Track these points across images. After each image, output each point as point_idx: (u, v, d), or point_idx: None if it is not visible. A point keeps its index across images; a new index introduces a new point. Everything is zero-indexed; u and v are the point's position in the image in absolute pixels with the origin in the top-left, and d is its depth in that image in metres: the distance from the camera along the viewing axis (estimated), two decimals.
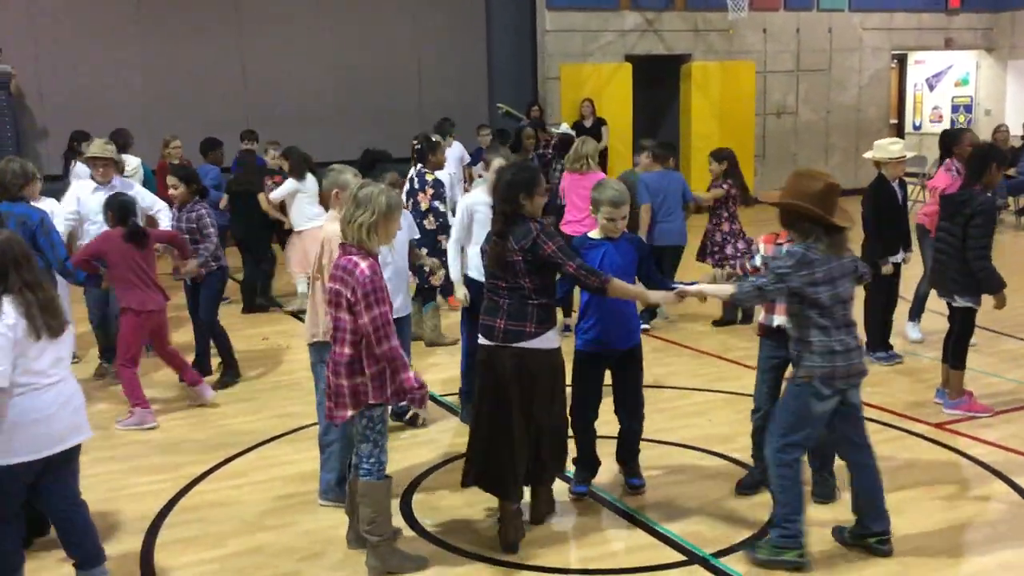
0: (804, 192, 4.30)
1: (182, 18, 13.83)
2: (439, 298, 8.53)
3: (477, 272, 6.27)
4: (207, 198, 7.51)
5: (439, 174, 8.24)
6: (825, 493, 5.03)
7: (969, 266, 6.05)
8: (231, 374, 7.46)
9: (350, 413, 4.34)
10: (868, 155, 7.44)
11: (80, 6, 13.41)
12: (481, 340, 4.65)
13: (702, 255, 8.90)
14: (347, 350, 4.29)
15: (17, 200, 6.39)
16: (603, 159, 13.86)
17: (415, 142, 8.60)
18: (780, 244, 4.91)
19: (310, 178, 9.25)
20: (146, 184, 9.13)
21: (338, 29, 14.66)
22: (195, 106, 13.56)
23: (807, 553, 4.40)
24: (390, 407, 4.74)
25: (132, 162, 9.75)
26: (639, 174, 8.66)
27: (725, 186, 8.71)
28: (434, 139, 8.50)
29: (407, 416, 6.39)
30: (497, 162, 6.24)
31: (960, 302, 6.22)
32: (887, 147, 7.24)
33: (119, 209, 6.52)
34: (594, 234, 5.07)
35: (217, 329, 7.41)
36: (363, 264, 4.21)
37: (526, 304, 4.50)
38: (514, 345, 4.50)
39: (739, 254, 8.39)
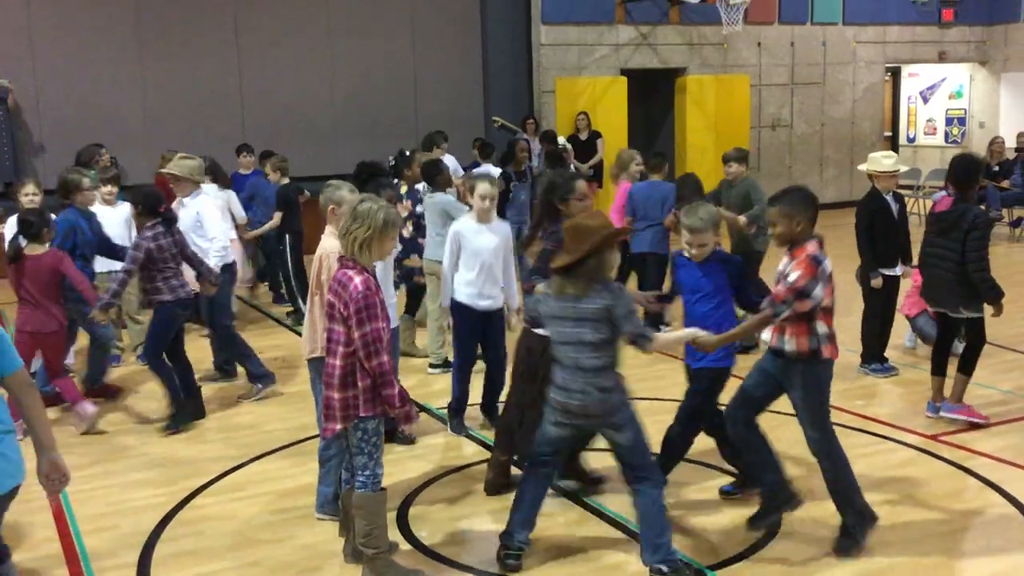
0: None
1: (180, 33, 13.90)
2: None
3: (466, 298, 6.31)
4: (171, 222, 6.79)
5: (417, 186, 8.38)
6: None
7: (969, 278, 6.13)
8: (181, 415, 6.80)
9: (339, 426, 4.35)
10: (862, 167, 7.52)
11: (78, 21, 13.46)
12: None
13: None
14: (339, 362, 4.31)
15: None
16: (598, 172, 13.94)
17: (391, 158, 8.68)
18: None
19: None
20: None
21: (335, 43, 14.75)
22: (192, 121, 13.61)
23: None
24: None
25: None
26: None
27: None
28: (408, 153, 8.64)
29: (397, 433, 6.38)
30: (483, 188, 6.32)
31: (967, 313, 6.32)
32: (880, 160, 7.33)
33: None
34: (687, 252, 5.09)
35: (163, 368, 6.80)
36: (357, 279, 4.24)
37: None
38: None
39: None
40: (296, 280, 9.40)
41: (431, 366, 7.94)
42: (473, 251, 6.30)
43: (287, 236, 9.46)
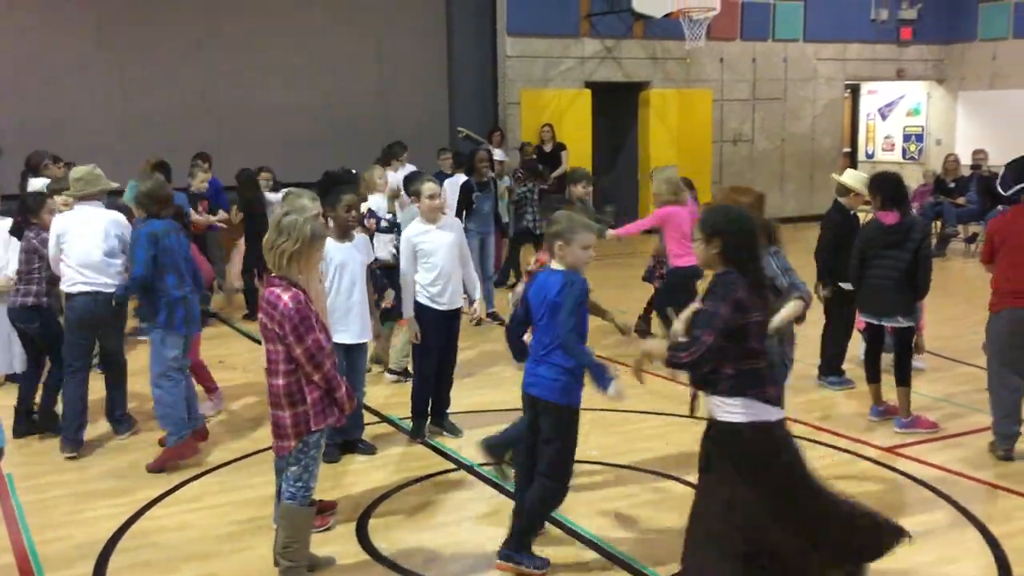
0: None
1: (147, 41, 13.73)
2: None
3: (427, 300, 6.34)
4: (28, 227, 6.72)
5: (371, 199, 8.35)
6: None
7: (909, 286, 6.43)
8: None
9: (293, 443, 4.33)
10: (842, 178, 7.50)
11: (40, 27, 13.25)
12: None
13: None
14: (281, 380, 4.28)
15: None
16: (561, 184, 13.98)
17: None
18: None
19: None
20: None
21: (303, 53, 14.66)
22: (161, 129, 13.40)
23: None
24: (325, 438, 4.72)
25: (35, 185, 9.25)
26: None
27: None
28: (354, 172, 8.75)
29: (358, 444, 6.38)
30: (429, 187, 6.45)
31: (904, 323, 6.57)
32: (858, 176, 7.49)
33: None
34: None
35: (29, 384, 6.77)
36: (285, 296, 4.20)
37: None
38: None
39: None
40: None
41: (388, 371, 7.94)
42: (427, 252, 6.34)
43: None
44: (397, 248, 7.67)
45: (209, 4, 14.20)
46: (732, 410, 3.86)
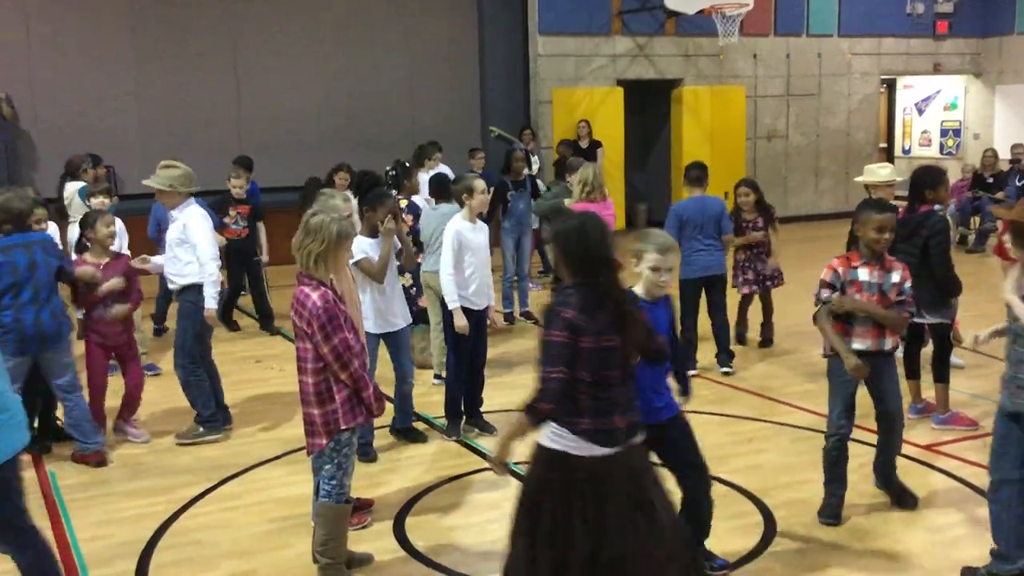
0: None
1: (177, 43, 13.92)
2: None
3: (463, 299, 6.37)
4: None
5: (415, 199, 8.41)
6: None
7: (931, 282, 6.28)
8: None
9: (324, 441, 4.37)
10: (859, 179, 7.59)
11: (75, 31, 13.47)
12: None
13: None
14: (311, 379, 4.33)
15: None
16: None
17: (389, 169, 8.66)
18: (855, 267, 4.98)
19: None
20: None
21: (332, 54, 14.78)
22: (189, 132, 13.63)
23: None
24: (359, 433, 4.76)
25: (70, 189, 9.37)
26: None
27: (760, 223, 8.59)
28: (407, 164, 8.66)
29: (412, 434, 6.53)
30: (481, 183, 6.56)
31: (930, 319, 6.45)
32: (876, 171, 7.44)
33: None
34: (638, 290, 4.22)
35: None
36: (314, 296, 4.25)
37: None
38: None
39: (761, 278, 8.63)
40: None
41: (436, 377, 7.94)
42: (472, 250, 6.39)
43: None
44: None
45: (237, 5, 14.28)
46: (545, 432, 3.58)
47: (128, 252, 7.36)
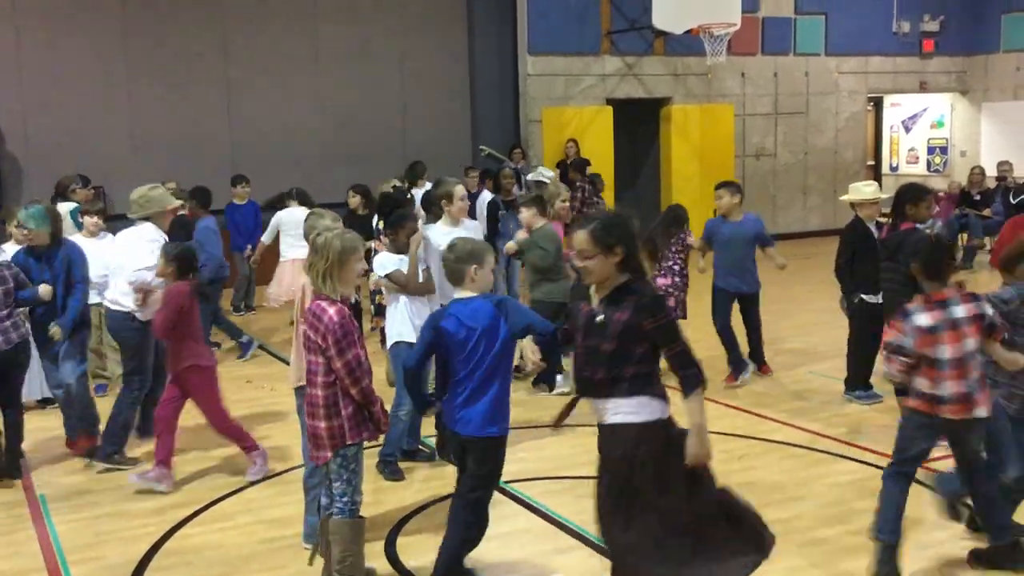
0: None
1: (169, 61, 13.93)
2: None
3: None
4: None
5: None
6: None
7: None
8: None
9: (330, 454, 4.39)
10: (844, 198, 7.63)
11: (66, 49, 13.47)
12: None
13: None
14: (320, 392, 4.36)
15: None
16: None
17: (392, 188, 8.69)
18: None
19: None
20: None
21: (324, 73, 14.83)
22: (181, 149, 13.63)
23: None
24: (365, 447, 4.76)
25: (62, 209, 9.01)
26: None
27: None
28: (403, 186, 8.75)
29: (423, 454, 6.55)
30: (461, 188, 6.65)
31: None
32: (861, 189, 7.48)
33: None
34: None
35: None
36: (331, 310, 4.29)
37: None
38: None
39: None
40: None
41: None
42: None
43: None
44: None
45: (230, 23, 14.35)
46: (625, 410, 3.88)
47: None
